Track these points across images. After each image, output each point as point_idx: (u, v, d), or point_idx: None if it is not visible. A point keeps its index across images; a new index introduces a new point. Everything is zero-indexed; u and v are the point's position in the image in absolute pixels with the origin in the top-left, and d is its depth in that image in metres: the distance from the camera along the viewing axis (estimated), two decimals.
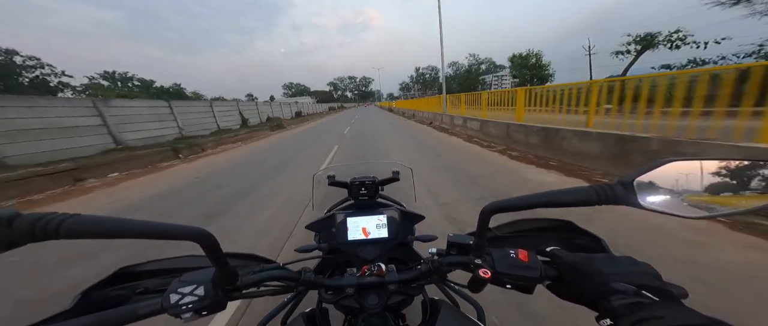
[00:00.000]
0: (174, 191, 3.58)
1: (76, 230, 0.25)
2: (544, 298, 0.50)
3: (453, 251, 0.43)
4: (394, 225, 0.61)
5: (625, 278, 0.32)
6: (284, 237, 2.04)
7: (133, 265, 0.43)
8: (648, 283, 0.31)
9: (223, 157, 6.24)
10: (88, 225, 0.25)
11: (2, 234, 0.24)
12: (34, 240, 0.25)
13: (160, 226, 0.28)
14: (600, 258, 0.36)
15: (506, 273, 0.38)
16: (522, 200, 0.34)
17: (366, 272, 0.48)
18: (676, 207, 0.30)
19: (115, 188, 4.04)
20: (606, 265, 0.34)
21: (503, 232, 0.52)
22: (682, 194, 0.30)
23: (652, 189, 0.30)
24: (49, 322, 0.31)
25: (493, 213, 0.36)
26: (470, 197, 2.62)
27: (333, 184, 0.76)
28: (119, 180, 4.54)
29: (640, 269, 0.33)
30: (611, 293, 0.31)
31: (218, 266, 0.34)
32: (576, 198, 0.32)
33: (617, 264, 0.34)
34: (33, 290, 1.54)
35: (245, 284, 0.39)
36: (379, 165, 1.78)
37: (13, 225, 0.24)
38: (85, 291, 0.37)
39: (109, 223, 0.26)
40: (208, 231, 0.31)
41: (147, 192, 3.59)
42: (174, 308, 0.32)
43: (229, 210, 2.70)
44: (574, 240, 0.47)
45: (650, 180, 0.31)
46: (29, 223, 0.24)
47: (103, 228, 0.25)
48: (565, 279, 0.37)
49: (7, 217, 0.24)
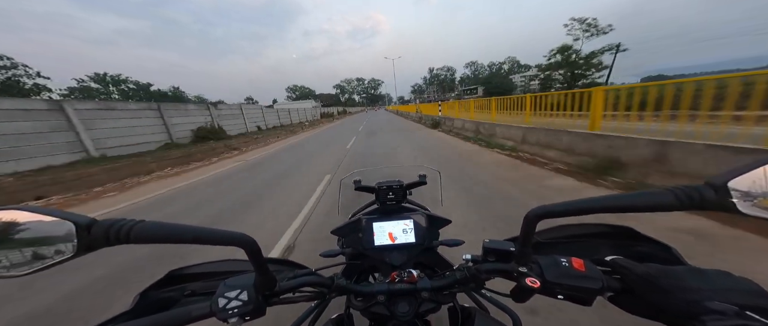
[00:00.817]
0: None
1: (143, 235, 0.30)
2: (577, 308, 0.45)
3: (491, 258, 0.44)
4: (421, 230, 0.64)
5: (721, 295, 0.30)
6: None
7: (181, 268, 0.51)
8: (752, 303, 0.29)
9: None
10: (152, 230, 0.30)
11: (82, 239, 0.29)
12: (108, 245, 0.30)
13: (211, 232, 0.33)
14: (682, 270, 0.35)
15: (558, 282, 0.37)
16: (576, 204, 0.33)
17: (396, 278, 0.51)
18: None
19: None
20: (692, 280, 0.33)
21: (545, 238, 0.52)
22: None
23: (751, 192, 0.28)
24: (115, 321, 0.36)
25: (540, 219, 0.36)
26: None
27: (359, 189, 0.80)
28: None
29: (739, 286, 0.31)
30: (704, 313, 0.29)
31: (260, 272, 0.38)
32: (648, 203, 0.30)
33: (707, 278, 0.33)
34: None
35: (282, 289, 0.42)
36: (403, 168, 1.95)
37: (91, 231, 0.30)
38: (142, 292, 0.44)
39: (169, 229, 0.31)
40: (252, 238, 0.36)
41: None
42: (222, 312, 0.37)
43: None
44: (634, 248, 0.46)
45: (748, 183, 0.29)
46: (104, 229, 0.30)
47: (164, 233, 0.31)
48: (635, 292, 0.36)
49: (86, 224, 0.29)
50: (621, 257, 0.40)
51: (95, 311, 1.61)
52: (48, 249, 0.30)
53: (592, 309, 0.34)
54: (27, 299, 1.75)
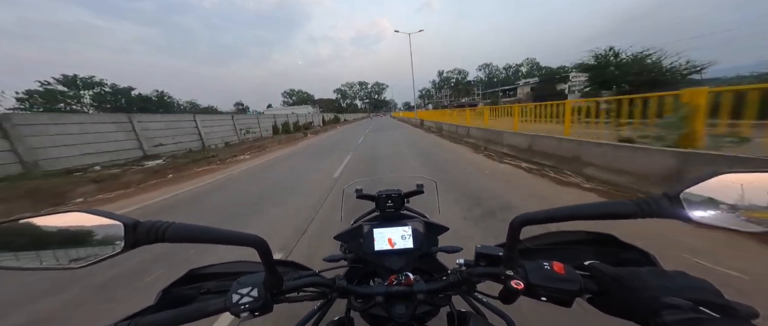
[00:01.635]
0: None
1: (176, 235, 0.38)
2: (579, 311, 0.52)
3: (482, 262, 0.51)
4: (419, 236, 0.72)
5: (679, 293, 0.35)
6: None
7: (200, 268, 0.60)
8: (706, 299, 0.34)
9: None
10: (183, 231, 0.38)
11: (129, 238, 0.37)
12: (149, 243, 0.37)
13: (229, 233, 0.41)
14: (647, 271, 0.41)
15: (540, 285, 0.43)
16: (555, 212, 0.40)
17: (393, 281, 0.58)
18: (731, 221, 0.33)
19: None
20: (655, 279, 0.38)
21: (534, 244, 0.59)
22: (738, 207, 0.33)
23: (702, 203, 0.34)
24: (141, 314, 0.43)
25: (524, 226, 0.43)
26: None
27: (361, 197, 0.94)
28: None
29: (696, 285, 0.36)
30: (663, 308, 0.34)
31: (269, 271, 0.46)
32: (614, 211, 0.37)
33: (668, 278, 0.38)
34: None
35: (288, 288, 0.49)
36: (403, 178, 2.14)
37: (136, 230, 0.37)
38: (164, 289, 0.52)
39: (195, 230, 0.39)
40: (263, 239, 0.43)
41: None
42: (235, 307, 0.43)
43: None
44: (616, 255, 0.52)
45: (699, 193, 0.35)
46: (147, 229, 0.37)
47: (191, 234, 0.39)
48: (609, 293, 0.42)
49: (132, 224, 0.37)
50: (597, 261, 0.48)
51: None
52: (102, 246, 0.38)
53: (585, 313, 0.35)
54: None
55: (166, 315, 0.42)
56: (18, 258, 0.38)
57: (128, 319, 0.41)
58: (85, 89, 46.05)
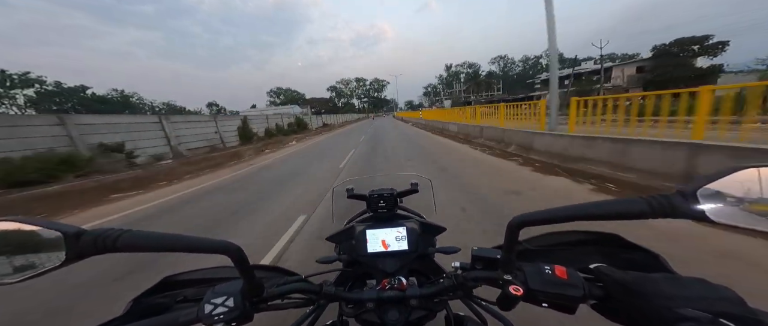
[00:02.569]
0: None
1: (129, 244, 0.37)
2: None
3: (478, 265, 0.52)
4: (414, 237, 0.74)
5: (697, 303, 0.35)
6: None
7: (176, 274, 0.59)
8: (729, 311, 0.33)
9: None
10: (138, 239, 0.37)
11: (72, 248, 0.36)
12: (97, 253, 0.37)
13: (196, 241, 0.41)
14: (660, 278, 0.40)
15: (541, 290, 0.44)
16: (556, 212, 0.40)
17: (386, 285, 0.60)
18: (755, 220, 0.32)
19: None
20: (670, 287, 0.38)
21: (534, 245, 0.61)
22: (758, 205, 0.33)
23: (721, 200, 0.33)
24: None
25: (522, 227, 0.43)
26: None
27: (352, 197, 0.98)
28: None
29: (716, 294, 0.36)
30: (678, 320, 0.34)
31: (246, 278, 0.46)
32: (623, 210, 0.36)
33: (684, 286, 0.38)
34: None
35: (270, 296, 0.51)
36: (397, 177, 2.05)
37: (80, 240, 0.36)
38: (135, 299, 0.51)
39: (156, 238, 0.38)
40: (237, 245, 0.43)
41: None
42: (207, 318, 0.43)
43: None
44: (622, 256, 0.53)
45: (718, 190, 0.34)
46: (93, 238, 0.36)
47: (150, 242, 0.38)
48: (616, 299, 0.42)
49: (74, 233, 0.36)
50: (604, 265, 0.48)
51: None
52: (37, 257, 0.36)
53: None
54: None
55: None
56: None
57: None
58: (21, 87, 42.78)
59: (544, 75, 46.00)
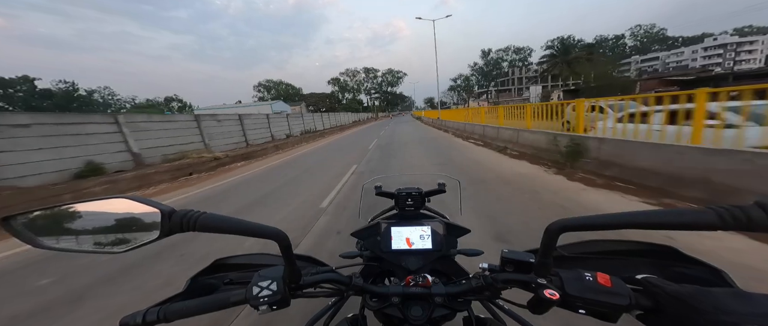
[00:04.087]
0: None
1: (205, 225, 0.49)
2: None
3: (509, 268, 0.60)
4: (438, 237, 0.88)
5: (765, 321, 0.37)
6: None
7: (224, 258, 0.81)
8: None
9: None
10: (212, 221, 0.50)
11: (164, 225, 0.49)
12: (181, 231, 0.49)
13: (254, 226, 0.53)
14: (720, 292, 0.43)
15: (580, 296, 0.50)
16: (602, 219, 0.44)
17: (411, 282, 0.71)
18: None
19: None
20: (732, 302, 0.41)
21: (571, 252, 0.70)
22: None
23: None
24: (170, 301, 0.60)
25: (562, 232, 0.49)
26: None
27: (380, 194, 1.19)
28: None
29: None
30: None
31: (288, 264, 0.58)
32: (687, 221, 0.39)
33: (750, 302, 0.40)
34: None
35: (306, 284, 0.63)
36: (424, 175, 2.41)
37: (171, 219, 0.49)
38: (193, 277, 0.72)
39: (223, 221, 0.51)
40: (285, 233, 0.55)
41: None
42: (254, 300, 0.56)
43: None
44: (674, 269, 0.59)
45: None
46: (180, 217, 0.49)
47: (219, 224, 0.50)
48: (666, 312, 0.46)
49: (168, 212, 0.49)
50: (654, 276, 0.51)
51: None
52: (140, 233, 0.51)
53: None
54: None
55: (192, 303, 0.57)
56: (61, 241, 0.52)
57: (158, 305, 0.57)
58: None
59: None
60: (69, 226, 0.52)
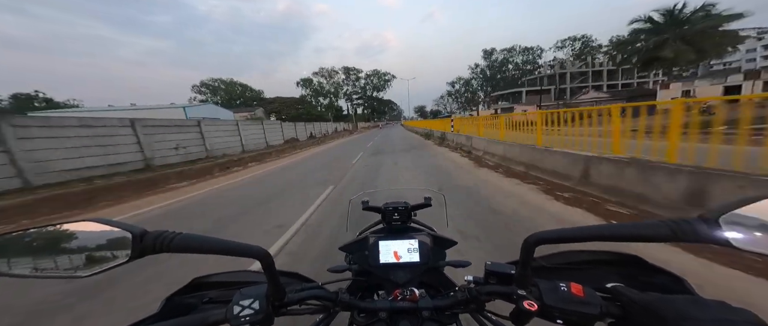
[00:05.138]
0: None
1: (180, 245, 0.52)
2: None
3: (492, 280, 0.67)
4: (426, 250, 0.97)
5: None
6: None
7: (204, 276, 0.82)
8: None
9: None
10: (189, 241, 0.52)
11: (136, 247, 0.51)
12: (155, 252, 0.51)
13: (234, 245, 0.57)
14: (681, 300, 0.50)
15: (556, 307, 0.56)
16: (574, 232, 0.51)
17: (399, 296, 0.78)
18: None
19: None
20: (691, 309, 0.47)
21: (550, 263, 0.78)
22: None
23: (744, 228, 0.42)
24: (143, 323, 0.60)
25: (538, 245, 0.57)
26: None
27: (367, 209, 1.33)
28: None
29: (737, 316, 0.44)
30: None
31: (272, 282, 0.62)
32: (643, 234, 0.47)
33: (706, 309, 0.47)
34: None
35: (291, 301, 0.68)
36: (411, 190, 2.92)
37: (143, 240, 0.51)
38: (168, 297, 0.72)
39: (201, 241, 0.54)
40: (267, 251, 0.60)
41: None
42: (235, 319, 0.58)
43: None
44: (640, 278, 0.68)
45: (739, 218, 0.42)
46: (153, 238, 0.51)
47: (197, 244, 0.53)
48: (634, 320, 0.53)
49: (140, 233, 0.51)
50: (622, 285, 0.60)
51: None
52: (108, 254, 0.51)
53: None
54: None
55: (167, 324, 0.57)
56: (22, 266, 0.52)
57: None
58: None
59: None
60: (31, 251, 0.53)
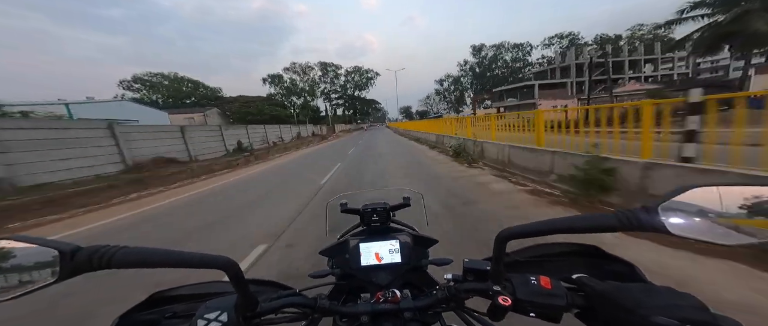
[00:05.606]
0: None
1: (125, 260, 0.47)
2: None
3: (470, 277, 0.68)
4: (407, 250, 1.00)
5: (667, 311, 0.47)
6: None
7: (165, 290, 0.78)
8: (694, 317, 0.46)
9: None
10: (134, 256, 0.48)
11: (66, 266, 0.46)
12: (92, 270, 0.47)
13: (192, 256, 0.52)
14: (635, 288, 0.55)
15: (528, 300, 0.59)
16: (539, 226, 0.54)
17: (380, 298, 0.78)
18: (707, 232, 0.45)
19: None
20: (642, 296, 0.52)
21: (523, 257, 0.83)
22: (713, 220, 0.46)
23: (679, 215, 0.47)
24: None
25: (509, 240, 0.59)
26: None
27: (346, 212, 1.30)
28: None
29: (683, 301, 0.50)
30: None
31: (241, 293, 0.59)
32: (596, 224, 0.50)
33: (656, 295, 0.52)
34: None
35: (264, 310, 0.65)
36: (390, 191, 2.53)
37: (74, 258, 0.47)
38: (122, 316, 0.67)
39: (151, 254, 0.49)
40: (233, 260, 0.56)
41: None
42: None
43: None
44: (603, 267, 0.73)
45: (676, 206, 0.47)
46: (87, 255, 0.47)
47: (146, 258, 0.48)
48: (596, 309, 0.57)
49: (70, 251, 0.47)
50: (585, 275, 0.63)
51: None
52: (31, 274, 0.47)
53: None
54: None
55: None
56: None
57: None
58: None
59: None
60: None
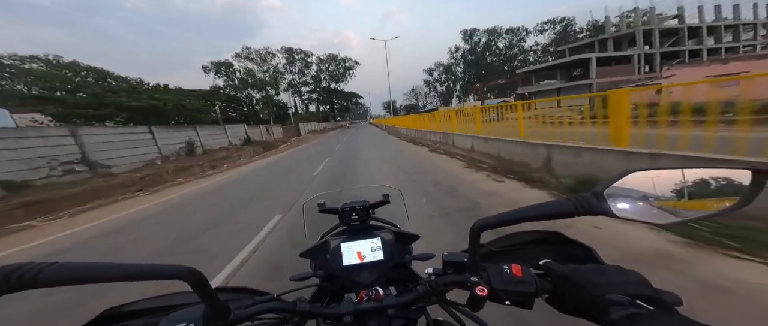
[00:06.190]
0: None
1: (55, 278, 0.42)
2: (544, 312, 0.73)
3: (449, 270, 0.72)
4: (389, 247, 1.02)
5: (618, 288, 0.52)
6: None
7: (120, 306, 0.72)
8: (640, 292, 0.51)
9: None
10: (68, 272, 0.43)
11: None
12: (11, 291, 0.42)
13: (144, 268, 0.47)
14: (589, 269, 0.60)
15: (502, 289, 0.62)
16: (508, 215, 0.57)
17: (364, 297, 0.81)
18: (646, 214, 0.50)
19: None
20: (597, 276, 0.57)
21: (497, 247, 0.87)
22: (650, 202, 0.51)
23: (621, 199, 0.51)
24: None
25: (483, 231, 0.61)
26: None
27: (323, 212, 1.29)
28: None
29: (629, 278, 0.55)
30: (608, 305, 0.49)
31: (208, 303, 0.56)
32: (556, 211, 0.53)
33: (607, 274, 0.58)
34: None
35: (238, 319, 0.62)
36: (368, 189, 2.55)
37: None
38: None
39: (90, 268, 0.43)
40: (193, 268, 0.53)
41: None
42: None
43: None
44: (567, 251, 0.79)
45: (619, 190, 0.52)
46: (5, 275, 0.41)
47: (83, 274, 0.43)
48: (560, 291, 0.62)
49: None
50: (550, 260, 0.68)
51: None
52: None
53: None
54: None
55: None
56: None
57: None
58: None
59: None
60: None
